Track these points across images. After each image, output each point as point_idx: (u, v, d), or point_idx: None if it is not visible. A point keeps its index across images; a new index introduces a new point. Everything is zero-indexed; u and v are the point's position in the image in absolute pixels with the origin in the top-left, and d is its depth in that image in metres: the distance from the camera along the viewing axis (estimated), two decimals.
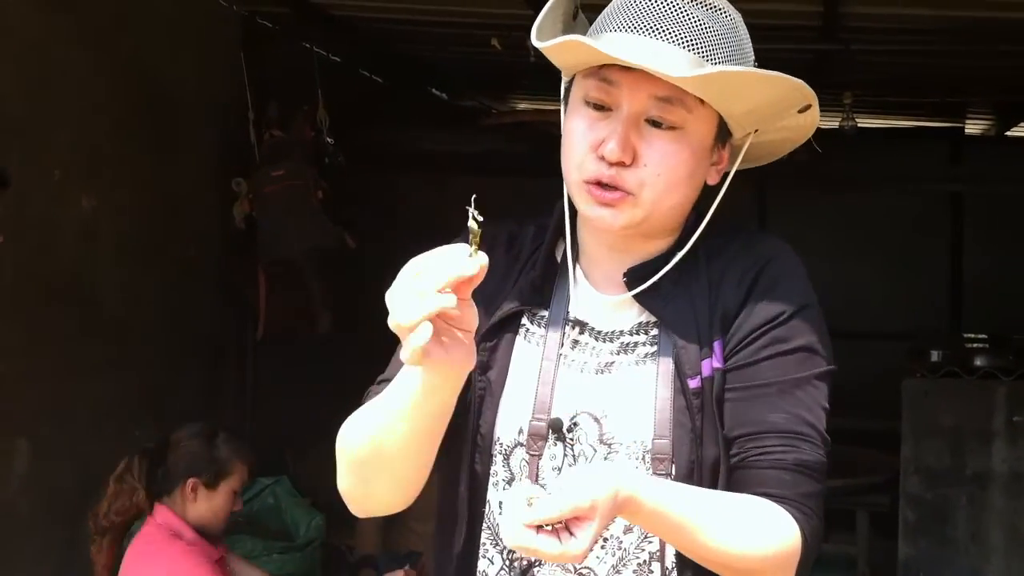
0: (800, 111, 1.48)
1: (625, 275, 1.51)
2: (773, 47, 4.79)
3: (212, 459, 3.21)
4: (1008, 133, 7.87)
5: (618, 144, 1.41)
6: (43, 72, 3.70)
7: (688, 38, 1.40)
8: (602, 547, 1.47)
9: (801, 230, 7.12)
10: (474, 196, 1.26)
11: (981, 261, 7.88)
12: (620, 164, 1.42)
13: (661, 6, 1.42)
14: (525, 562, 1.49)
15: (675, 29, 1.40)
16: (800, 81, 1.42)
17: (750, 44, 1.49)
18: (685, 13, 1.41)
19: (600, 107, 1.45)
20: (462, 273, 1.22)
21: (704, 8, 1.43)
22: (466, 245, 1.24)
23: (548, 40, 1.42)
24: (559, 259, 1.57)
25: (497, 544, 1.52)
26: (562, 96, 1.53)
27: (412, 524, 4.82)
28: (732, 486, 1.44)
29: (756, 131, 1.51)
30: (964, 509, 4.78)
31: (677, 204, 1.48)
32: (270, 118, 4.93)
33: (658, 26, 1.41)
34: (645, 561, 1.47)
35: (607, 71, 1.43)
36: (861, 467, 5.17)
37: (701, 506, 1.37)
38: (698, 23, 1.41)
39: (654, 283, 1.49)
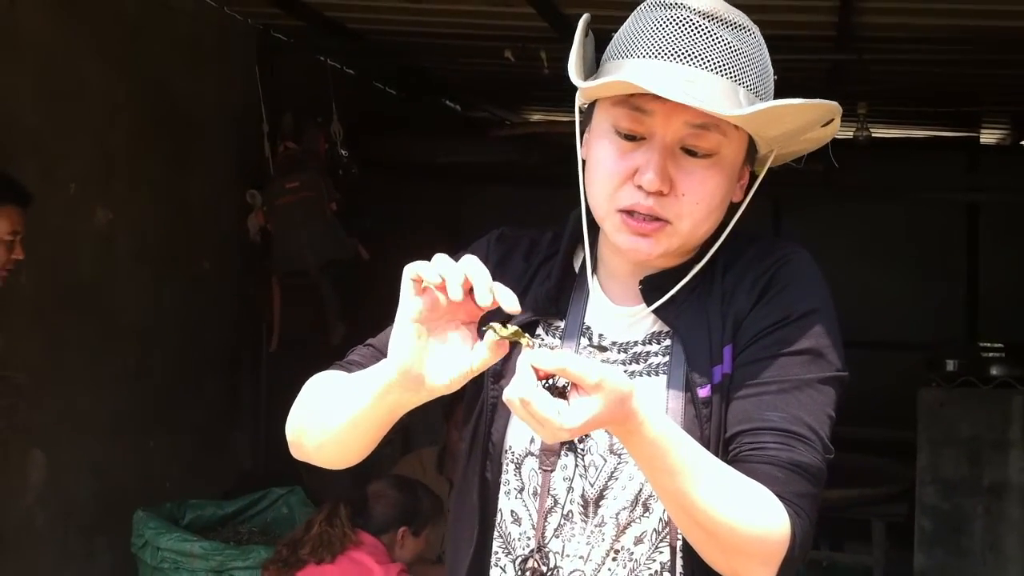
0: (823, 125, 1.47)
1: (641, 283, 1.50)
2: (788, 58, 4.80)
3: (418, 510, 3.57)
4: (1023, 143, 7.84)
5: (657, 174, 1.39)
6: (60, 85, 3.73)
7: (719, 62, 1.38)
8: (613, 559, 1.46)
9: (816, 240, 7.10)
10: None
11: (997, 270, 7.86)
12: (658, 194, 1.40)
13: (689, 30, 1.38)
14: (538, 572, 1.49)
15: (707, 54, 1.37)
16: (834, 103, 1.40)
17: (769, 59, 1.48)
18: (713, 36, 1.38)
19: (631, 136, 1.42)
20: (488, 282, 1.24)
21: (731, 28, 1.40)
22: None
23: (589, 80, 1.40)
24: (576, 269, 1.57)
25: (509, 553, 1.51)
26: (578, 117, 1.50)
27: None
28: None
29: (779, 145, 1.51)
30: (980, 519, 4.76)
31: (711, 228, 1.47)
32: (284, 131, 4.95)
33: (689, 51, 1.37)
34: (656, 572, 1.46)
35: (639, 99, 1.39)
36: (877, 477, 5.16)
37: (701, 459, 1.32)
38: (727, 46, 1.39)
39: (669, 291, 1.48)
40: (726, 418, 1.43)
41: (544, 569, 1.48)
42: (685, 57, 1.37)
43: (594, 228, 1.52)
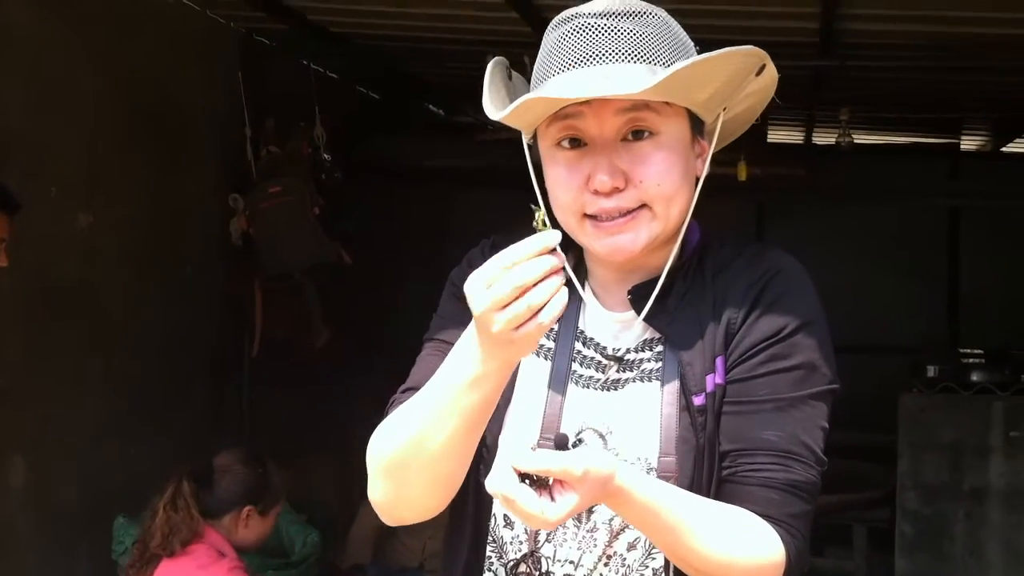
0: (757, 74, 1.46)
1: (629, 293, 1.50)
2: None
3: (266, 487, 3.34)
4: (1004, 149, 7.89)
5: (606, 173, 1.39)
6: (43, 88, 3.71)
7: (627, 51, 1.38)
8: (606, 565, 1.47)
9: (799, 246, 7.11)
10: (532, 205, 1.30)
11: (978, 276, 7.90)
12: (615, 191, 1.41)
13: (590, 33, 1.39)
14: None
15: (615, 48, 1.38)
16: (749, 47, 1.40)
17: (686, 34, 1.47)
18: (615, 30, 1.39)
19: (575, 143, 1.43)
20: (551, 266, 1.24)
21: (631, 18, 1.40)
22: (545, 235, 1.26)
23: (504, 109, 1.41)
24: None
25: (501, 557, 1.52)
26: (528, 158, 1.50)
27: (404, 539, 4.82)
28: (721, 499, 1.43)
29: (724, 110, 1.50)
30: (962, 524, 4.78)
31: (684, 206, 1.46)
32: (267, 134, 4.94)
33: (598, 52, 1.38)
34: None
35: (566, 110, 1.40)
36: (859, 482, 5.17)
37: (690, 510, 1.36)
38: (631, 34, 1.39)
39: (660, 300, 1.48)
40: (719, 430, 1.44)
41: (536, 574, 1.49)
42: (592, 59, 1.38)
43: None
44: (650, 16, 1.42)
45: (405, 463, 1.43)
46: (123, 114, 4.16)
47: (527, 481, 1.23)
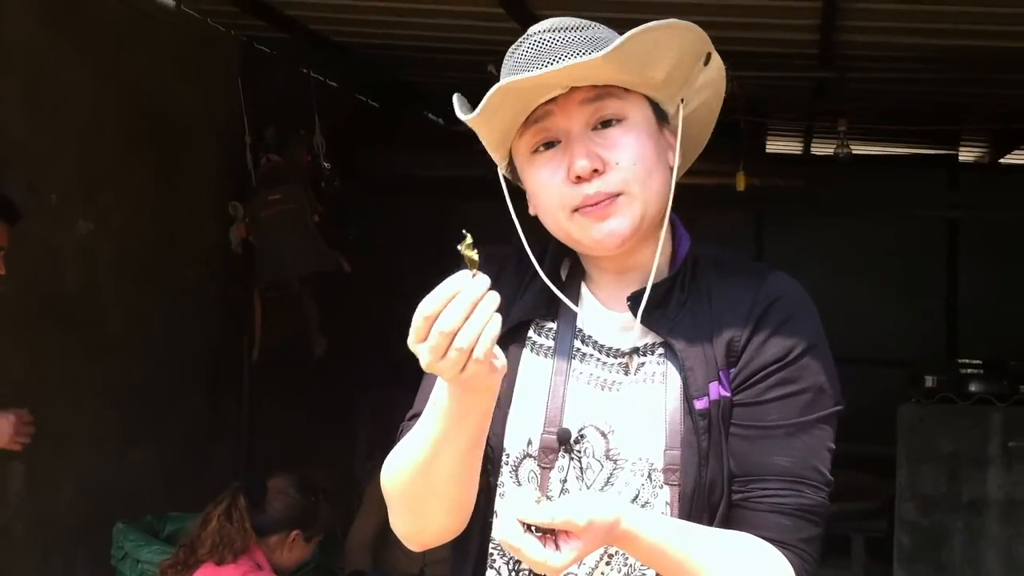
0: (704, 64, 1.51)
1: (629, 300, 1.52)
2: (770, 75, 4.84)
3: (315, 516, 3.46)
4: (1002, 160, 7.91)
5: (584, 157, 1.43)
6: (44, 97, 3.72)
7: (581, 49, 1.43)
8: (607, 563, 1.48)
9: (798, 256, 7.16)
10: (464, 230, 1.30)
11: (976, 287, 7.91)
12: (595, 174, 1.44)
13: (543, 44, 1.45)
14: (531, 574, 1.49)
15: (568, 50, 1.43)
16: (691, 23, 1.45)
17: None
18: (567, 39, 1.45)
19: (549, 144, 1.47)
20: (477, 296, 1.27)
21: (581, 30, 1.46)
22: (466, 271, 1.28)
23: (472, 113, 1.45)
24: (563, 277, 1.59)
25: (504, 555, 1.53)
26: (505, 189, 1.55)
27: (403, 545, 4.81)
28: (731, 524, 1.45)
29: (683, 102, 1.54)
30: (960, 535, 4.78)
31: (661, 189, 1.49)
32: (267, 142, 4.95)
33: (553, 53, 1.44)
34: None
35: (535, 112, 1.46)
36: (857, 492, 5.17)
37: (700, 544, 1.39)
38: (584, 38, 1.45)
39: (662, 307, 1.51)
40: (730, 453, 1.46)
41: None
42: (545, 60, 1.43)
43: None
44: (598, 28, 1.48)
45: (417, 493, 1.47)
46: (123, 122, 4.16)
47: (533, 529, 1.27)
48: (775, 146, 7.60)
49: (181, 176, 4.59)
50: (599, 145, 1.45)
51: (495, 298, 1.28)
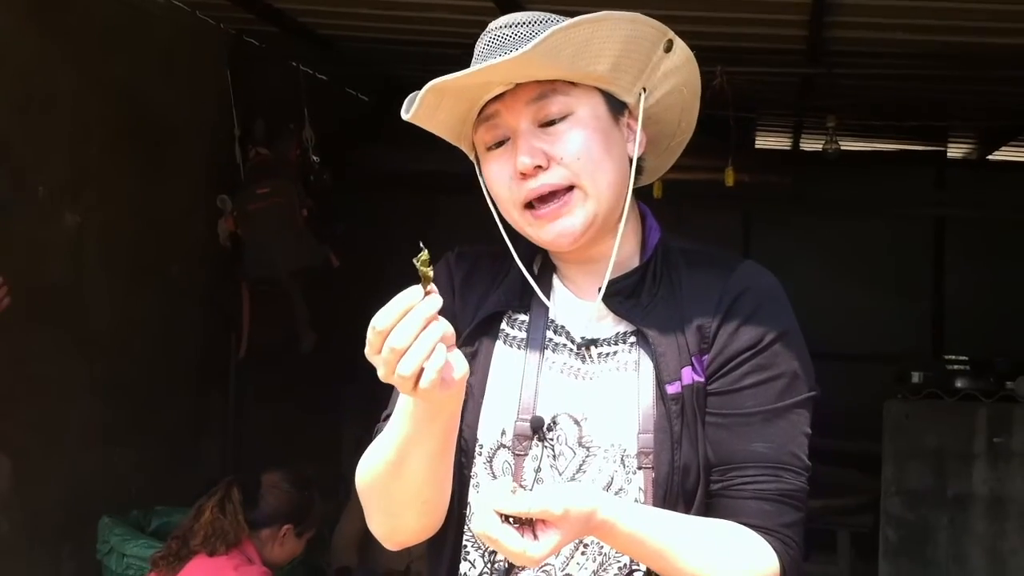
0: (666, 51, 1.51)
1: (600, 290, 1.53)
2: (758, 70, 4.85)
3: (308, 511, 3.46)
4: (990, 157, 7.93)
5: (526, 153, 1.46)
6: (32, 91, 3.71)
7: (515, 44, 1.45)
8: (582, 553, 1.49)
9: (785, 253, 7.17)
10: (421, 243, 1.32)
11: (963, 284, 7.93)
12: (539, 170, 1.46)
13: (496, 39, 1.49)
14: (506, 564, 1.50)
15: (511, 45, 1.45)
16: (633, 13, 1.46)
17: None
18: (518, 33, 1.48)
19: (499, 144, 1.51)
20: (428, 315, 1.28)
21: (533, 25, 1.49)
22: (419, 287, 1.29)
23: (411, 111, 1.48)
24: (536, 270, 1.60)
25: (479, 547, 1.53)
26: (483, 182, 1.56)
27: None
28: (712, 513, 1.45)
29: (645, 91, 1.54)
30: (945, 530, 4.80)
31: (612, 181, 1.50)
32: (256, 136, 4.94)
33: (499, 47, 1.47)
34: (625, 565, 1.48)
35: (485, 111, 1.50)
36: (843, 488, 5.19)
37: (679, 532, 1.39)
38: (527, 34, 1.47)
39: (633, 295, 1.52)
40: (704, 436, 1.46)
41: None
42: (493, 54, 1.46)
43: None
44: (553, 22, 1.48)
45: (389, 495, 1.48)
46: (111, 115, 4.15)
47: (511, 520, 1.27)
48: (764, 142, 7.62)
49: (169, 170, 4.57)
50: (544, 141, 1.47)
51: (445, 323, 1.29)
